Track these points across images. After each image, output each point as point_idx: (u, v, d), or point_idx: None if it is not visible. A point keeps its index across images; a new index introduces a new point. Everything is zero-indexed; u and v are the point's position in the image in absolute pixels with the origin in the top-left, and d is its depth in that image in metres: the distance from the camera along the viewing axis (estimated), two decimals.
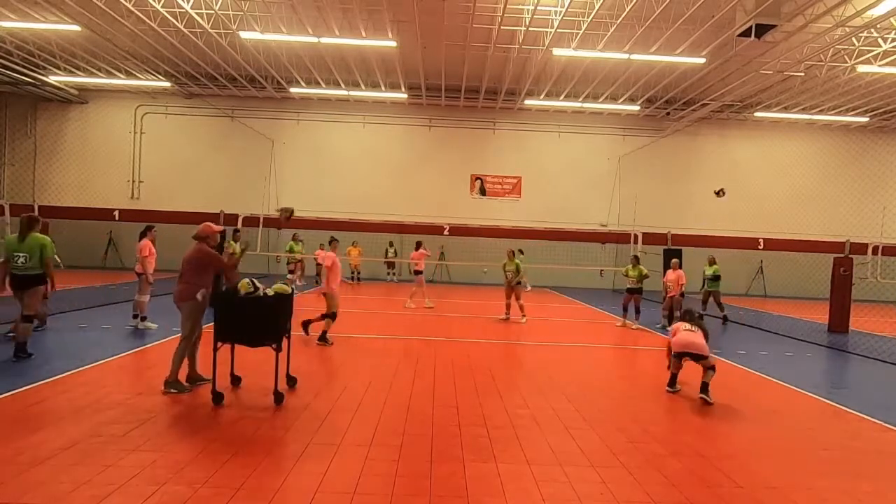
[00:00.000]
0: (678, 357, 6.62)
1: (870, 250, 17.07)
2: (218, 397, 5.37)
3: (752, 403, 6.47)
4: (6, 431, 4.43)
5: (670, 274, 12.35)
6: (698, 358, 6.38)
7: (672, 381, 6.80)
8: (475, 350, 8.90)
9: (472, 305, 15.59)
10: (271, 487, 3.68)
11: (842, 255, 13.49)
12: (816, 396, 6.87)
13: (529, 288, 14.21)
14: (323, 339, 8.67)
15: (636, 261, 12.51)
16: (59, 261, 8.25)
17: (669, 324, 12.29)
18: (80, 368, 6.52)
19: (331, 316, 8.75)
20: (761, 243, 23.29)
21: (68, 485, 3.58)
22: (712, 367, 6.35)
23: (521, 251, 12.80)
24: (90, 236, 22.01)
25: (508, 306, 12.56)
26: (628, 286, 12.39)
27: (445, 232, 22.45)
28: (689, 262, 17.72)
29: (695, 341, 6.43)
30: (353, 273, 21.84)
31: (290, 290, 5.86)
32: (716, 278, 14.00)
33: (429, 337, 9.95)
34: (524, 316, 12.44)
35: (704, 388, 6.30)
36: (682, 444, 4.89)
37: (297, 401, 5.62)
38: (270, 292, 5.65)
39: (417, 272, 14.67)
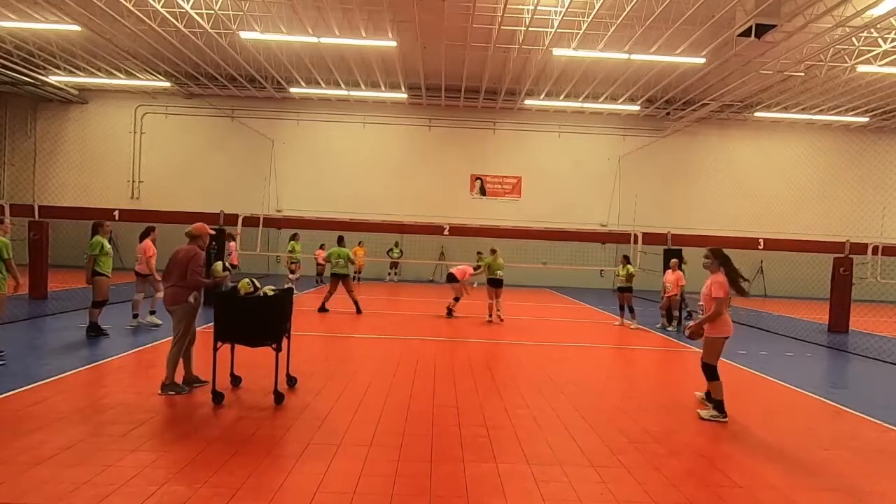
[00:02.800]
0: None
1: (870, 250, 17.06)
2: (218, 397, 5.37)
3: (752, 403, 6.47)
4: (6, 431, 4.43)
5: (669, 274, 12.35)
6: None
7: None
8: (475, 350, 8.90)
9: (471, 305, 15.58)
10: (271, 487, 3.67)
11: (842, 255, 13.48)
12: (816, 396, 6.86)
13: (475, 285, 14.20)
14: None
15: (626, 260, 12.61)
16: (101, 267, 8.63)
17: (669, 323, 12.33)
18: (80, 368, 6.53)
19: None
20: (761, 243, 23.28)
21: (68, 485, 3.58)
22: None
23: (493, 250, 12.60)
24: (90, 236, 21.98)
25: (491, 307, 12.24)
26: (619, 285, 12.54)
27: (445, 232, 22.41)
28: (691, 263, 17.70)
29: None
30: (354, 273, 21.86)
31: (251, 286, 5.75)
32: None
33: (429, 337, 9.95)
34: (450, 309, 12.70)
35: (708, 396, 5.90)
36: (682, 444, 4.89)
37: (297, 401, 5.62)
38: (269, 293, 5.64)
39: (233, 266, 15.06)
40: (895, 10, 11.83)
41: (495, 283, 12.16)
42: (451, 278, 12.81)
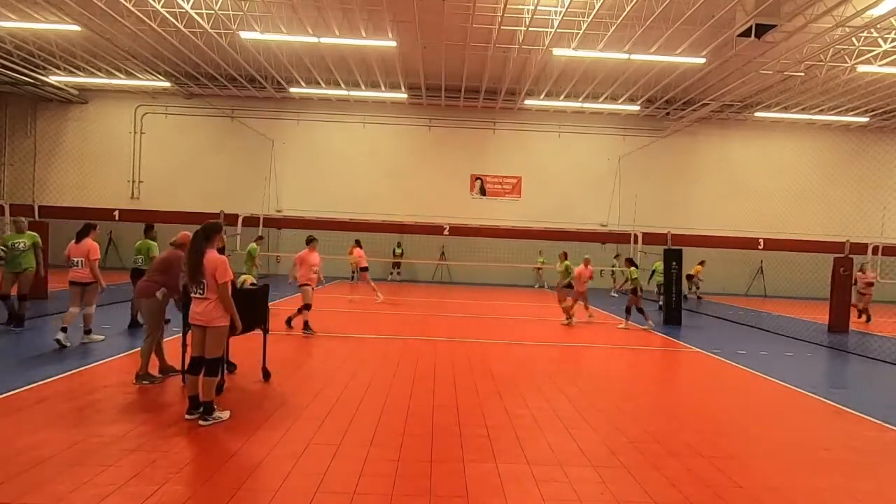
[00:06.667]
0: None
1: (870, 250, 17.07)
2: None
3: (752, 403, 6.48)
4: (6, 431, 4.44)
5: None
6: None
7: None
8: (475, 350, 8.90)
9: (472, 305, 15.59)
10: (271, 487, 3.68)
11: (842, 255, 13.49)
12: (816, 396, 6.87)
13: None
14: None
15: (629, 262, 12.72)
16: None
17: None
18: (80, 368, 6.53)
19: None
20: (761, 243, 23.29)
21: (68, 485, 3.58)
22: None
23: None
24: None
25: (566, 310, 12.47)
26: (631, 288, 12.55)
27: (445, 232, 22.46)
28: (690, 263, 17.77)
29: None
30: (352, 273, 21.91)
31: (253, 280, 6.48)
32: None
33: (429, 337, 9.95)
34: (570, 317, 12.37)
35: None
36: (682, 444, 4.89)
37: (297, 401, 5.63)
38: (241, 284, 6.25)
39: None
40: (895, 10, 11.82)
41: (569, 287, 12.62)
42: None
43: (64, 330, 7.62)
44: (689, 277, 19.70)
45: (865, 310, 14.93)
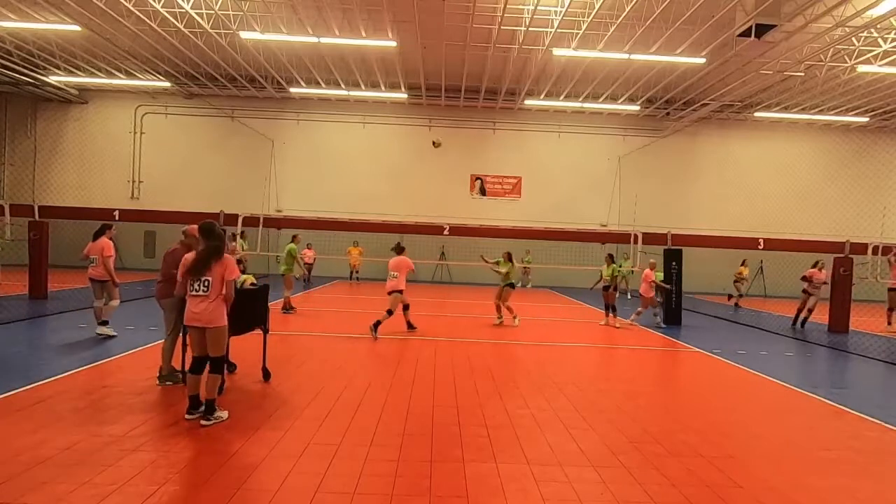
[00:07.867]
0: None
1: (870, 250, 17.03)
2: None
3: (752, 403, 6.47)
4: (6, 431, 4.43)
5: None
6: None
7: None
8: (475, 350, 8.90)
9: (472, 306, 15.60)
10: (271, 488, 3.67)
11: (842, 256, 13.48)
12: (816, 396, 6.86)
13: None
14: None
15: (611, 259, 12.67)
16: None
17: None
18: (80, 368, 6.53)
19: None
20: (761, 243, 23.27)
21: (68, 485, 3.58)
22: None
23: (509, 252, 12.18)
24: (90, 236, 21.95)
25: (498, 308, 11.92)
26: (604, 285, 12.65)
27: (445, 232, 22.43)
28: (690, 263, 17.73)
29: None
30: (351, 272, 21.94)
31: (254, 281, 6.43)
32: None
33: (429, 337, 9.95)
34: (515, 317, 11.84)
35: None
36: (682, 444, 4.89)
37: (297, 401, 5.63)
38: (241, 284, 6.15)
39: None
40: (895, 10, 11.82)
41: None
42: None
43: (104, 323, 8.35)
44: (736, 280, 18.72)
45: (810, 310, 13.59)
